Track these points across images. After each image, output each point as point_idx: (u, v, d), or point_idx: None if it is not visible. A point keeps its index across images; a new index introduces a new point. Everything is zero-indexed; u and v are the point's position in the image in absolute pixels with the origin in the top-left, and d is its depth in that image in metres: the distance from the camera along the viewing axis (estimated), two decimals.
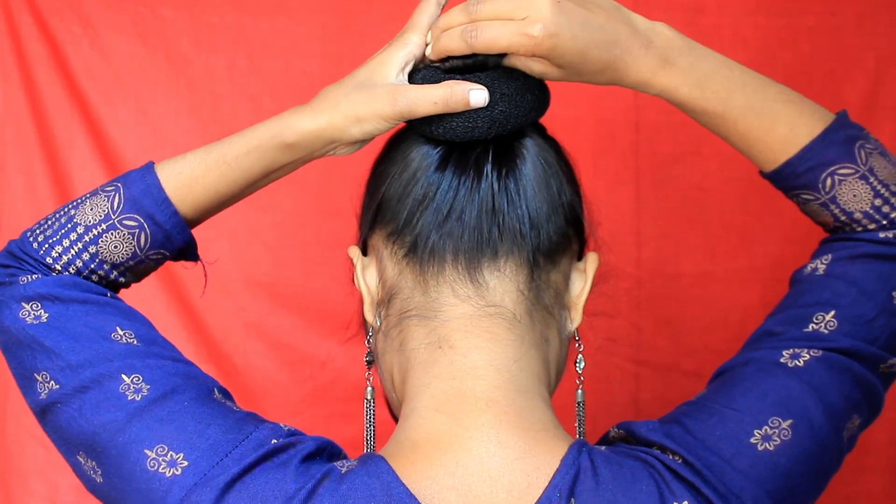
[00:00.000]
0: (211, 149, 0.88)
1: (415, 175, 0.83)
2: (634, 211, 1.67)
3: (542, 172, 0.84)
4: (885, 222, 0.89)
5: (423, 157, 0.83)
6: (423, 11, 0.86)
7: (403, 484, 0.76)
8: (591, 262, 0.88)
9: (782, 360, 0.85)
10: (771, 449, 0.81)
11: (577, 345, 0.88)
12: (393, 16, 1.72)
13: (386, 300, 0.85)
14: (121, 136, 1.63)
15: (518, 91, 0.83)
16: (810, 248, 1.70)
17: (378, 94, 0.82)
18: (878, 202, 0.89)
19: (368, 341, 0.87)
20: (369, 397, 0.87)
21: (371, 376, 0.87)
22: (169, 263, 0.93)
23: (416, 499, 0.75)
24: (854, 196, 0.89)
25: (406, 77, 0.84)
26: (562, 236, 0.85)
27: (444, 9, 0.88)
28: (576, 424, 0.90)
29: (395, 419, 0.89)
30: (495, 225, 0.81)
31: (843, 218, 0.90)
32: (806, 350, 0.85)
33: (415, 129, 0.85)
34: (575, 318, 0.87)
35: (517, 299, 0.83)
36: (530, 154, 0.84)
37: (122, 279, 0.89)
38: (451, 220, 0.81)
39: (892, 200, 0.89)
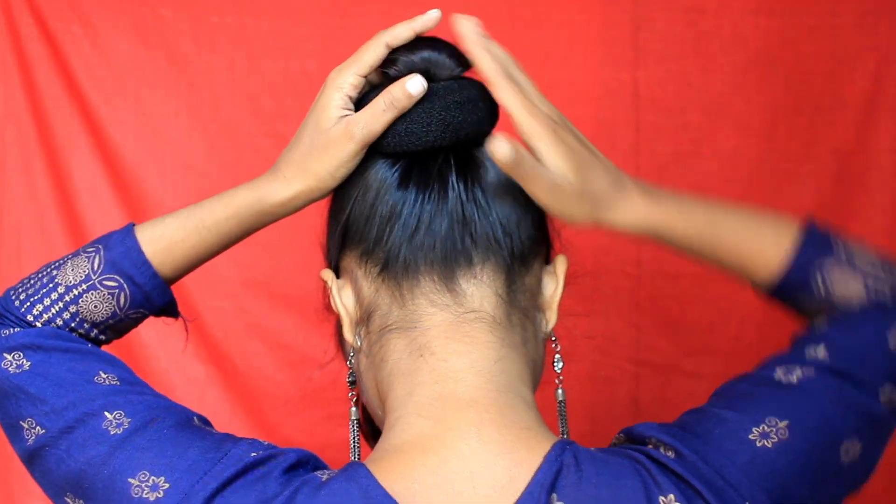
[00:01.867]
0: (190, 213, 0.90)
1: (378, 194, 0.83)
2: None
3: (507, 179, 0.83)
4: (875, 297, 0.93)
5: (383, 175, 0.84)
6: (367, 50, 0.86)
7: (381, 486, 0.76)
8: (561, 263, 0.90)
9: (776, 377, 0.88)
10: (769, 446, 0.81)
11: (553, 345, 0.89)
12: (392, 16, 1.71)
13: (365, 319, 0.86)
14: (121, 136, 1.63)
15: (471, 99, 0.84)
16: None
17: (333, 138, 0.84)
18: (869, 281, 0.92)
19: (350, 362, 0.89)
20: (354, 417, 0.89)
21: (354, 396, 0.89)
22: None
23: (393, 499, 0.75)
24: (846, 285, 0.93)
25: (350, 112, 0.85)
26: (532, 240, 0.86)
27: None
28: (559, 423, 0.90)
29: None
30: (468, 234, 0.82)
31: (842, 305, 0.94)
32: (799, 368, 0.87)
33: (371, 149, 0.85)
34: (550, 319, 0.88)
35: (496, 303, 0.83)
36: (491, 162, 0.84)
37: (102, 336, 0.92)
38: (420, 233, 0.82)
39: (881, 277, 0.93)
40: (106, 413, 0.82)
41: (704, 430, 0.82)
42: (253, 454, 0.78)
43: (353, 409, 0.89)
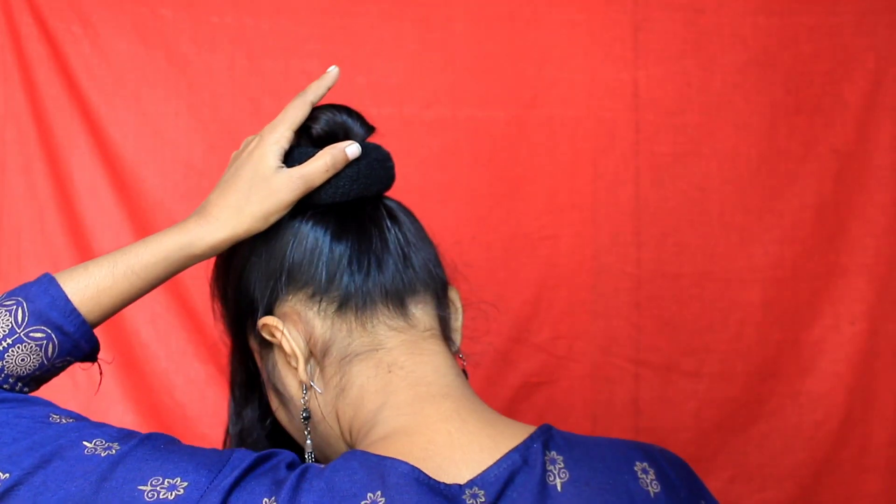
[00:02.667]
0: (116, 260, 0.91)
1: (316, 243, 0.92)
2: (634, 211, 1.67)
3: (416, 224, 0.96)
4: None
5: (315, 226, 0.93)
6: (295, 108, 0.95)
7: (379, 454, 0.82)
8: (455, 293, 0.99)
9: None
10: None
11: (462, 362, 0.97)
12: (393, 16, 1.72)
13: (321, 354, 0.91)
14: (121, 136, 1.63)
15: (384, 158, 0.97)
16: (810, 248, 1.71)
17: (275, 186, 0.91)
18: None
19: (303, 400, 0.93)
20: (310, 451, 0.93)
21: (309, 432, 0.93)
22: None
23: (393, 458, 0.81)
24: None
25: (284, 165, 0.93)
26: (444, 272, 0.98)
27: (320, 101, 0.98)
28: None
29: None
30: (409, 268, 0.93)
31: None
32: None
33: (301, 203, 0.94)
34: (456, 340, 0.98)
35: (438, 323, 0.94)
36: (399, 211, 0.96)
37: (26, 389, 0.91)
38: (373, 271, 0.92)
39: None
40: (84, 443, 0.82)
41: None
42: (254, 454, 0.82)
43: (309, 441, 0.93)
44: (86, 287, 0.90)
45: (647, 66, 1.67)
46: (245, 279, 0.95)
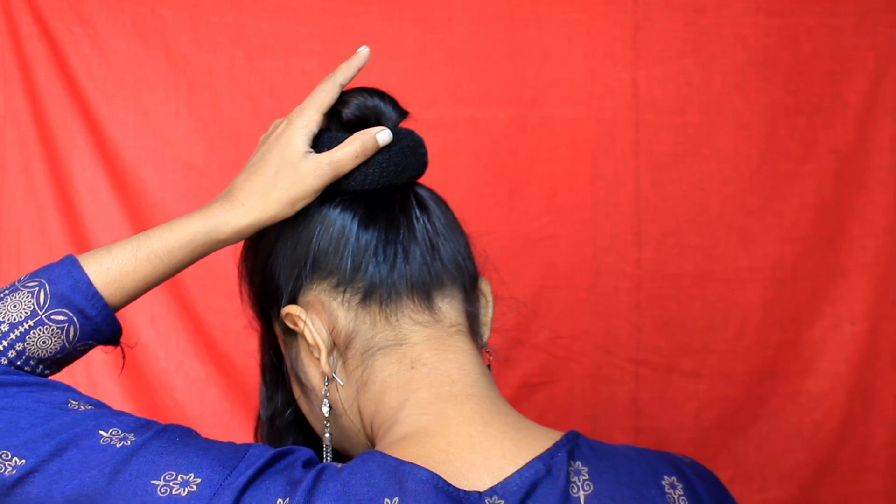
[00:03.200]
0: (140, 243, 0.90)
1: (343, 230, 0.90)
2: (634, 211, 1.67)
3: (448, 213, 0.94)
4: None
5: (344, 213, 0.91)
6: (324, 91, 0.93)
7: (398, 458, 0.80)
8: (486, 285, 0.97)
9: None
10: None
11: (489, 355, 0.96)
12: (393, 16, 1.72)
13: (343, 346, 0.90)
14: (121, 136, 1.63)
15: (416, 144, 0.95)
16: (810, 248, 1.70)
17: (303, 172, 0.90)
18: None
19: (325, 392, 0.91)
20: (328, 444, 0.92)
21: (329, 426, 0.92)
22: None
23: (412, 463, 0.79)
24: None
25: (312, 150, 0.91)
26: (475, 264, 0.96)
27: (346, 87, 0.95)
28: None
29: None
30: (437, 259, 0.91)
31: None
32: None
33: (328, 188, 0.92)
34: (485, 333, 0.96)
35: (465, 318, 0.92)
36: (433, 199, 0.94)
37: (46, 371, 0.90)
38: (399, 262, 0.90)
39: None
40: (101, 432, 0.81)
41: None
42: (270, 451, 0.81)
43: (328, 435, 0.92)
44: (108, 270, 0.89)
45: (647, 66, 1.67)
46: (270, 265, 0.94)
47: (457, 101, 1.66)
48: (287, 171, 0.90)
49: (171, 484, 0.78)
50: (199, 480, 0.78)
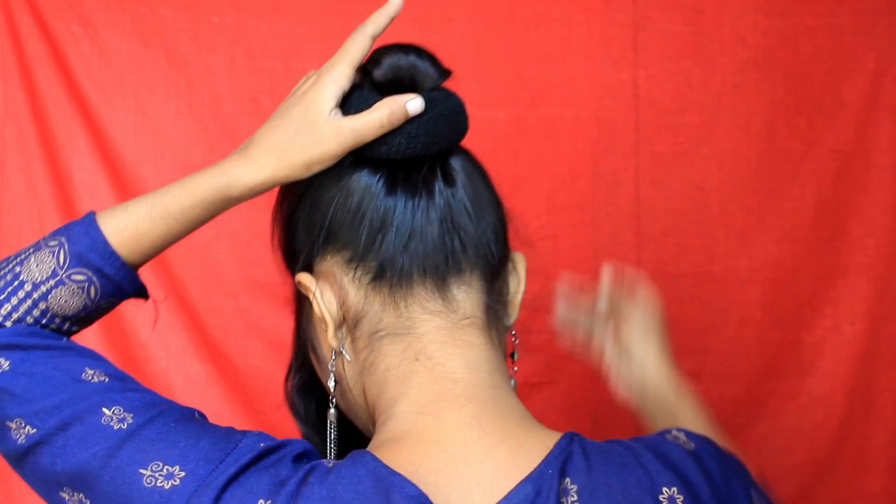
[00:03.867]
0: (154, 202, 0.89)
1: (363, 200, 0.85)
2: (634, 211, 1.67)
3: (481, 186, 0.88)
4: None
5: (366, 182, 0.85)
6: (354, 43, 0.89)
7: (388, 467, 0.78)
8: (521, 261, 0.93)
9: None
10: None
11: (513, 339, 0.92)
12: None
13: (352, 324, 0.87)
14: (121, 136, 1.63)
15: (452, 112, 0.87)
16: (810, 249, 1.70)
17: (322, 135, 0.84)
18: None
19: (331, 366, 0.89)
20: (333, 419, 0.89)
21: (335, 398, 0.89)
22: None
23: (399, 474, 0.77)
24: None
25: (339, 109, 0.86)
26: (505, 244, 0.90)
27: (376, 43, 0.91)
28: None
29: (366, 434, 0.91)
30: (457, 240, 0.85)
31: None
32: None
33: (352, 153, 0.87)
34: (512, 314, 0.92)
35: (483, 308, 0.87)
36: (466, 171, 0.88)
37: (74, 328, 0.91)
38: (414, 241, 0.84)
39: None
40: (104, 409, 0.81)
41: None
42: (262, 444, 0.80)
43: (332, 411, 0.89)
44: (125, 229, 0.88)
45: (647, 66, 1.67)
46: (293, 224, 0.90)
47: (458, 94, 1.66)
48: (306, 131, 0.85)
49: (156, 475, 0.78)
50: (182, 474, 0.78)
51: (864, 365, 1.68)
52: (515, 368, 0.93)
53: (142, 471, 0.78)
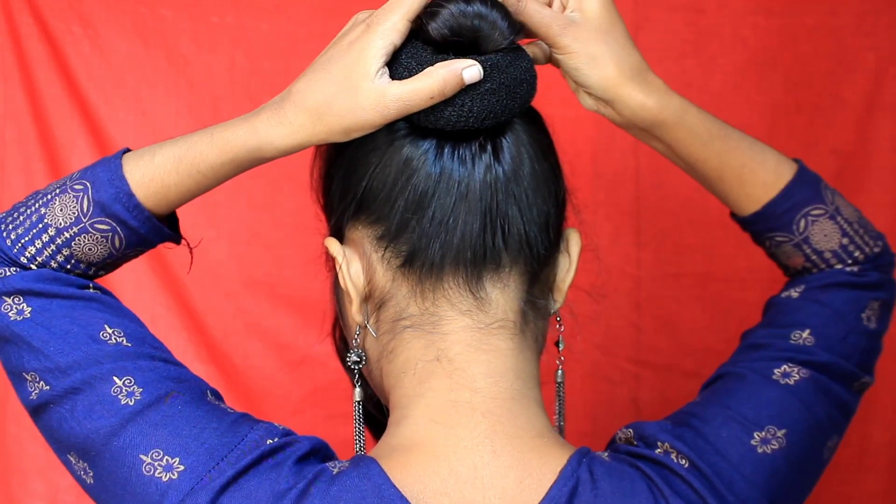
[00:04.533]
0: (181, 154, 0.82)
1: (403, 171, 0.77)
2: (634, 211, 1.67)
3: (539, 164, 0.81)
4: (849, 261, 0.94)
5: (410, 149, 0.77)
6: None
7: (395, 486, 0.75)
8: (574, 242, 0.85)
9: (774, 377, 0.88)
10: (769, 452, 0.83)
11: (558, 325, 0.86)
12: None
13: (377, 303, 0.82)
14: (121, 136, 1.63)
15: (515, 82, 0.78)
16: None
17: (364, 101, 0.76)
18: (845, 241, 0.94)
19: (356, 340, 0.84)
20: (358, 399, 0.84)
21: (359, 380, 0.85)
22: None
23: (407, 501, 0.75)
24: (825, 236, 0.94)
25: (387, 69, 0.77)
26: (557, 233, 0.84)
27: None
28: (555, 406, 0.90)
29: (382, 408, 0.89)
30: (500, 233, 0.78)
31: (813, 258, 0.95)
32: (796, 369, 0.88)
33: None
34: (558, 300, 0.86)
35: (519, 309, 0.81)
36: (521, 146, 0.80)
37: (101, 272, 0.88)
38: (449, 228, 0.77)
39: (857, 240, 0.94)
40: (115, 378, 0.79)
41: (713, 434, 0.83)
42: (269, 441, 0.78)
43: (358, 389, 0.84)
44: (151, 181, 0.83)
45: None
46: (328, 178, 0.85)
47: None
48: (347, 93, 0.76)
49: (155, 464, 0.77)
50: (182, 468, 0.76)
51: None
52: (562, 358, 0.89)
53: (142, 456, 0.77)
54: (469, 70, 0.75)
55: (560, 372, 0.89)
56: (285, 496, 0.74)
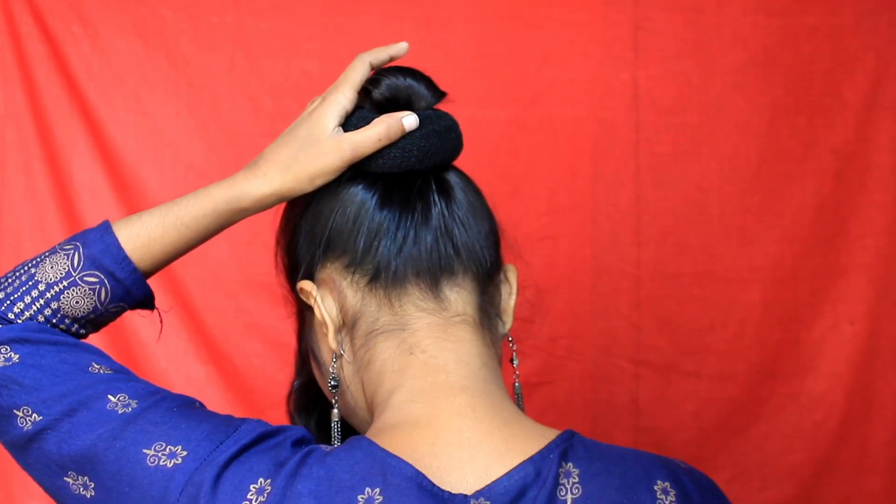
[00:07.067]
0: (167, 211, 0.94)
1: (360, 210, 0.90)
2: (634, 211, 1.67)
3: (474, 199, 0.93)
4: None
5: (363, 194, 0.90)
6: (355, 69, 0.93)
7: (385, 450, 0.81)
8: (512, 272, 0.96)
9: None
10: None
11: (511, 345, 0.95)
12: (393, 16, 1.72)
13: (350, 325, 0.91)
14: (121, 136, 1.63)
15: (445, 129, 0.93)
16: (810, 248, 1.70)
17: (324, 149, 0.90)
18: None
19: (332, 368, 0.92)
20: (336, 419, 0.92)
21: (337, 400, 0.92)
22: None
23: (398, 457, 0.80)
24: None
25: (341, 128, 0.91)
26: (497, 253, 0.94)
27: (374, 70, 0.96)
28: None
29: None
30: (451, 246, 0.90)
31: None
32: None
33: (351, 167, 0.92)
34: (507, 322, 0.95)
35: (475, 308, 0.91)
36: (459, 185, 0.93)
37: (82, 331, 0.94)
38: (408, 245, 0.89)
39: None
40: (109, 396, 0.85)
41: None
42: (261, 429, 0.84)
43: (335, 410, 0.92)
44: (137, 235, 0.93)
45: (647, 66, 1.67)
46: (295, 238, 0.95)
47: (457, 102, 1.66)
48: (310, 146, 0.90)
49: (159, 455, 0.82)
50: (185, 454, 0.82)
51: (864, 365, 1.68)
52: (517, 373, 0.97)
53: (145, 451, 0.82)
54: (408, 118, 0.91)
55: (517, 385, 0.97)
56: (285, 465, 0.80)
